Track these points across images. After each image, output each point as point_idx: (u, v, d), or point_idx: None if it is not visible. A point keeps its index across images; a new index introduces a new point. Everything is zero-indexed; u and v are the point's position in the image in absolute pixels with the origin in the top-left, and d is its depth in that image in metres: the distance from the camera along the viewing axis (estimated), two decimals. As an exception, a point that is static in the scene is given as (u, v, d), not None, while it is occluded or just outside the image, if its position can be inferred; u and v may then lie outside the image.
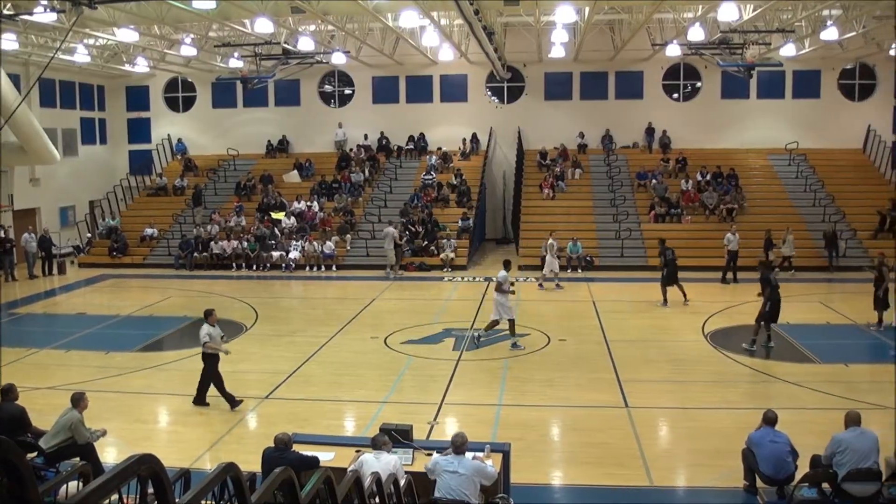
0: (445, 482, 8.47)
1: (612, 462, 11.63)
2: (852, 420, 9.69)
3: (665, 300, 22.73)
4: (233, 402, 13.88)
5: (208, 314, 14.29)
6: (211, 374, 13.95)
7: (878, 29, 27.93)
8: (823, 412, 13.33)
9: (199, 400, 14.03)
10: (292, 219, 31.86)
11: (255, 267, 29.77)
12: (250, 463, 8.56)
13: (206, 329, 13.99)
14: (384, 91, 37.23)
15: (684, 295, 22.67)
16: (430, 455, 9.11)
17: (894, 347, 17.76)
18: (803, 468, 9.81)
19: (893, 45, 31.03)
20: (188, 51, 29.67)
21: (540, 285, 25.46)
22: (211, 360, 13.94)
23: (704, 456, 11.78)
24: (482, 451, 9.26)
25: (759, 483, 10.23)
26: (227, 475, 3.96)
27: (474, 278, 27.85)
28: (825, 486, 9.50)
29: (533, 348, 18.16)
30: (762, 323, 17.79)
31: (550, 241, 25.92)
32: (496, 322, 18.27)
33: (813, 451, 9.95)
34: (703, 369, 16.63)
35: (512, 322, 18.23)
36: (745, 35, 26.15)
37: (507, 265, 18.79)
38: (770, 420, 10.26)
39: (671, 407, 14.23)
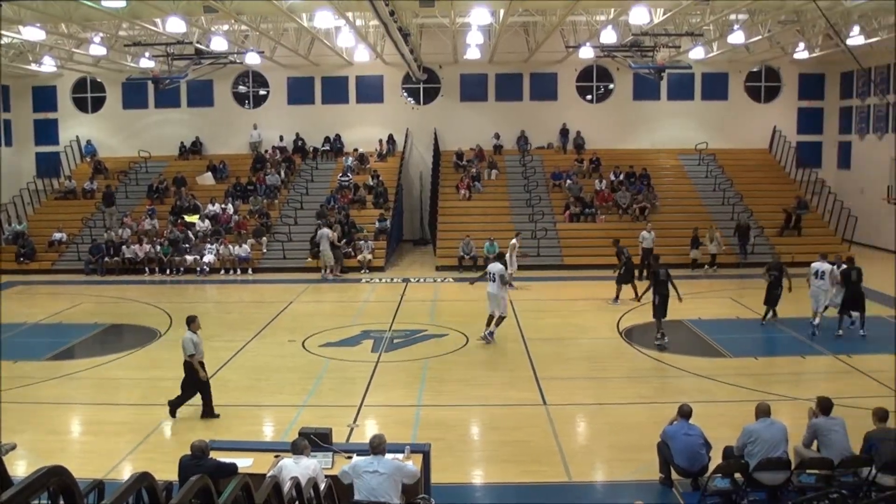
0: (366, 483, 8.43)
1: (531, 459, 11.76)
2: (762, 411, 10.02)
3: (617, 297, 22.97)
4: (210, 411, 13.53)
5: (191, 321, 13.77)
6: (199, 382, 13.48)
7: (782, 33, 28.96)
8: (734, 404, 13.69)
9: (209, 412, 13.55)
10: (206, 222, 31.34)
11: (168, 271, 29.19)
12: (167, 472, 8.40)
13: (189, 337, 13.48)
14: (299, 92, 36.89)
15: (637, 294, 22.77)
16: (350, 458, 9.06)
17: None
18: (717, 459, 10.08)
19: (797, 49, 32.15)
20: (97, 50, 28.95)
21: (511, 285, 25.08)
22: (194, 369, 13.49)
23: (621, 450, 12.01)
24: (402, 452, 9.25)
25: (674, 475, 10.48)
26: (141, 485, 3.88)
27: (392, 279, 27.82)
28: (737, 476, 9.79)
29: (451, 348, 18.23)
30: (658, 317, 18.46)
31: (513, 241, 25.85)
32: (493, 316, 18.61)
33: (725, 443, 10.26)
34: (618, 365, 16.95)
35: (502, 318, 18.59)
36: (655, 38, 26.71)
37: (500, 257, 19.72)
38: (685, 413, 10.52)
39: (588, 403, 14.45)
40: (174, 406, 13.51)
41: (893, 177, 30.16)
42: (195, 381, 13.51)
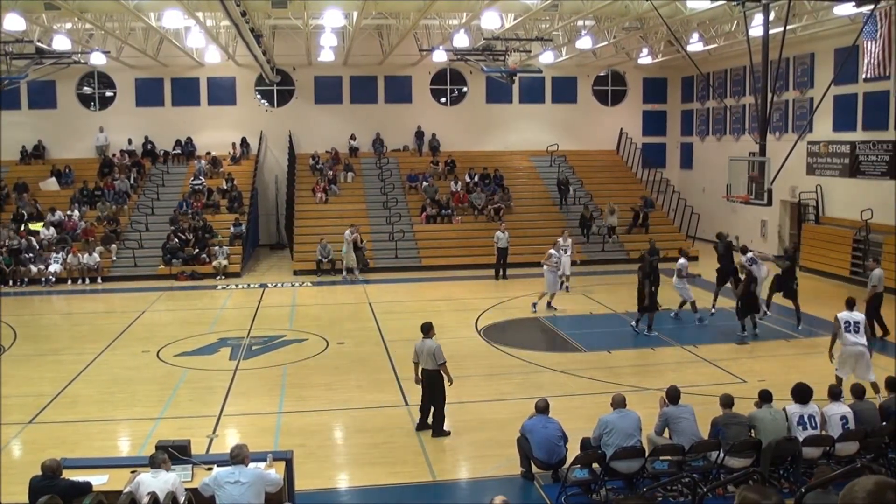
0: (228, 493, 8.29)
1: (396, 460, 11.82)
2: (617, 403, 10.43)
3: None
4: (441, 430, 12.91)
5: (429, 328, 13.15)
6: (443, 396, 12.90)
7: (627, 39, 30.10)
8: (590, 397, 14.17)
9: (425, 424, 12.99)
10: (51, 229, 29.91)
11: (11, 283, 27.62)
12: (16, 494, 8.03)
13: (432, 345, 12.89)
14: (148, 93, 35.63)
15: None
16: (210, 470, 8.89)
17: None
18: (574, 451, 10.39)
19: (641, 55, 33.49)
20: (-76, 49, 27.18)
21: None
22: (440, 380, 12.89)
23: (483, 447, 12.22)
24: (264, 461, 9.12)
25: (534, 469, 10.74)
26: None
27: (249, 285, 27.29)
28: (595, 465, 10.13)
29: (311, 353, 18.07)
30: None
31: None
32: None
33: (582, 434, 10.60)
34: (477, 363, 17.16)
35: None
36: (506, 42, 27.23)
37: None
38: (542, 408, 10.83)
39: (449, 402, 14.50)
40: (438, 427, 12.92)
41: (731, 176, 31.84)
42: (441, 389, 12.96)
